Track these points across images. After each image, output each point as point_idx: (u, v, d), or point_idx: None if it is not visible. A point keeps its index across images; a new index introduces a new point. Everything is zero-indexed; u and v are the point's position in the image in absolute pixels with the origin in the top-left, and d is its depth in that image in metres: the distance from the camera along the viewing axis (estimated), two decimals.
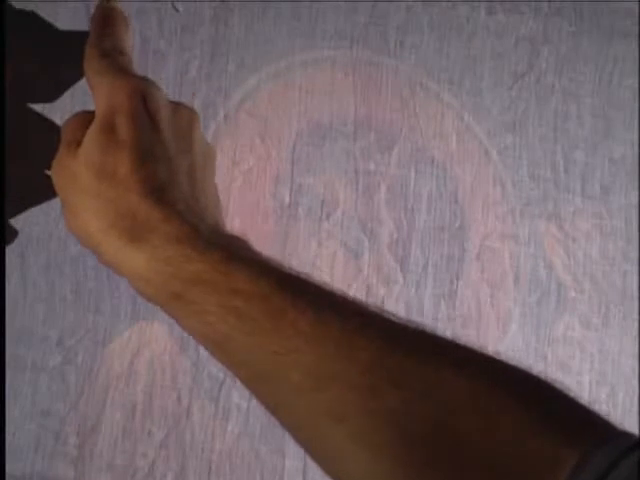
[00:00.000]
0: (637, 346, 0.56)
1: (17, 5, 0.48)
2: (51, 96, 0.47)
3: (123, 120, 0.37)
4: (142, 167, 0.37)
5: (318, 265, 0.52)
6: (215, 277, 0.35)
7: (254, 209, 0.52)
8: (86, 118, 0.39)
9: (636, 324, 0.56)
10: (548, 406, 0.33)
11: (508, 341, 0.55)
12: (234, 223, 0.51)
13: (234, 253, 0.37)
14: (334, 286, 0.38)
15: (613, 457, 0.30)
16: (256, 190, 0.52)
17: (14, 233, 0.47)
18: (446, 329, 0.54)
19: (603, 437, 0.32)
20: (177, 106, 0.41)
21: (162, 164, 0.37)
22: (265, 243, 0.52)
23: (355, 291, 0.53)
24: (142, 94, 0.38)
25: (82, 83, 0.43)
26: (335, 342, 0.34)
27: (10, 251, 0.48)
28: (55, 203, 0.49)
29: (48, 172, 0.43)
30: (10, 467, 0.47)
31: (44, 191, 0.45)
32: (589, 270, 0.56)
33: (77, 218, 0.38)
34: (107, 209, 0.37)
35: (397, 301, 0.53)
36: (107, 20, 0.42)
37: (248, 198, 0.52)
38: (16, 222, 0.48)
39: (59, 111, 0.48)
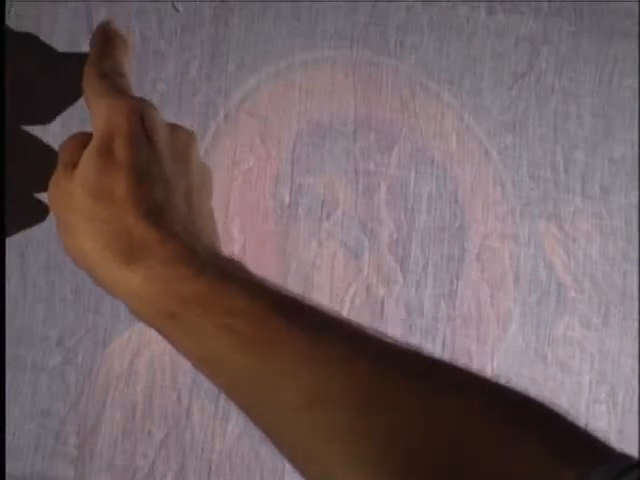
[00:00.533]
0: (637, 346, 0.56)
1: (18, 5, 0.48)
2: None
3: (121, 141, 0.37)
4: (139, 188, 0.37)
5: (318, 265, 0.52)
6: (211, 297, 0.35)
7: (254, 209, 0.52)
8: (83, 140, 0.39)
9: (636, 324, 0.56)
10: (547, 427, 0.33)
11: (508, 341, 0.55)
12: (234, 223, 0.52)
13: (230, 274, 0.37)
14: (334, 285, 0.38)
15: (610, 477, 0.30)
16: (256, 190, 0.52)
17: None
18: (446, 329, 0.54)
19: (601, 458, 0.32)
20: (174, 127, 0.41)
21: (159, 185, 0.38)
22: (265, 243, 0.52)
23: (355, 291, 0.53)
24: (140, 115, 0.38)
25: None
26: (331, 363, 0.34)
27: (10, 251, 0.48)
28: None
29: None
30: (10, 467, 0.47)
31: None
32: (589, 270, 0.56)
33: (72, 239, 0.38)
34: (102, 229, 0.37)
35: (397, 301, 0.53)
36: (107, 41, 0.42)
37: (248, 198, 0.52)
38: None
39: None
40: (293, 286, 0.52)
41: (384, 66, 0.54)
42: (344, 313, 0.52)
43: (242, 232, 0.52)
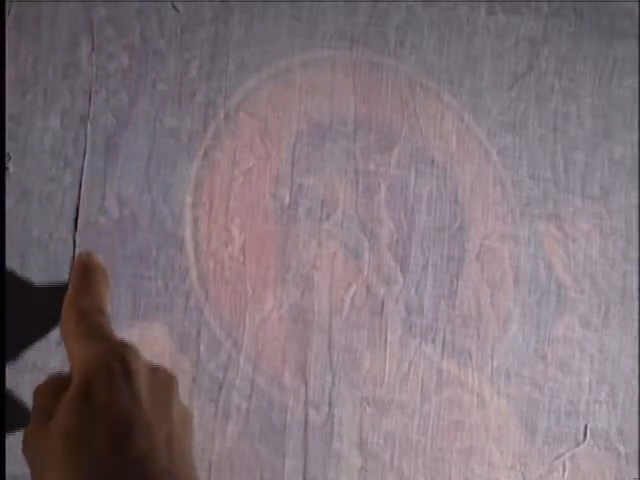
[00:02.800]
0: (637, 346, 0.56)
1: (18, 5, 0.48)
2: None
3: (100, 387, 0.36)
4: (120, 437, 0.36)
5: (318, 265, 0.52)
6: None
7: (254, 209, 0.52)
8: (58, 385, 0.38)
9: (636, 324, 0.56)
10: None
11: (508, 341, 0.55)
12: (234, 223, 0.51)
13: None
14: (334, 285, 0.37)
15: None
16: (256, 190, 0.52)
17: None
18: (446, 329, 0.54)
19: None
20: (155, 370, 0.40)
21: (140, 432, 0.37)
22: (265, 243, 0.52)
23: (355, 291, 0.53)
24: (121, 359, 0.37)
25: None
26: None
27: (10, 251, 0.48)
28: (54, 206, 0.49)
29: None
30: (10, 467, 0.47)
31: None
32: (589, 270, 0.56)
33: None
34: (79, 479, 0.35)
35: (397, 301, 0.53)
36: (87, 275, 0.41)
37: (248, 198, 0.52)
38: (16, 224, 0.48)
39: (58, 121, 0.47)
40: (293, 286, 0.52)
41: (384, 66, 0.54)
42: (344, 313, 0.52)
43: (242, 232, 0.52)
